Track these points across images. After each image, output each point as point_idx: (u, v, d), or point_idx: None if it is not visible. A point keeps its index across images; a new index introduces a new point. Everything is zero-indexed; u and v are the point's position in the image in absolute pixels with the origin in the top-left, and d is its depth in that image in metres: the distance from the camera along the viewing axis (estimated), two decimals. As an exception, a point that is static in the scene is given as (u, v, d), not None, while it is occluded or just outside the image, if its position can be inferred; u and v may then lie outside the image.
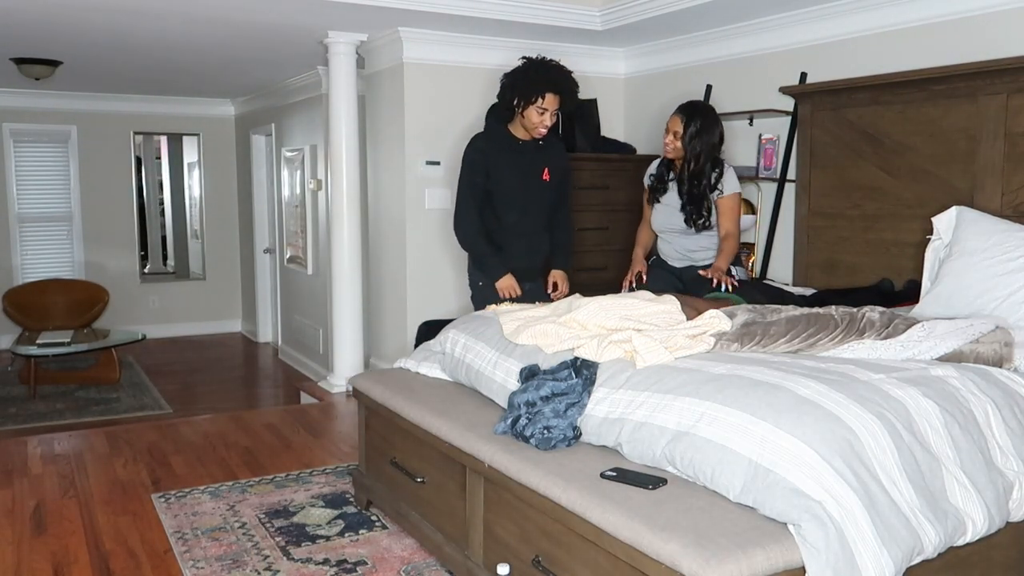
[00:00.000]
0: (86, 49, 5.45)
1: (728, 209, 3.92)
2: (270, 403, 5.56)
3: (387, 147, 5.35)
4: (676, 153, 3.90)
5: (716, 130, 3.87)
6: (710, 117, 3.88)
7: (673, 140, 3.87)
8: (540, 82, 3.75)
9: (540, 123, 3.80)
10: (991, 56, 3.47)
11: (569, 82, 3.85)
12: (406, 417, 2.93)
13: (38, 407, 5.43)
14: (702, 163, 3.85)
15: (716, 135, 3.87)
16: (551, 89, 3.76)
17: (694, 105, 3.95)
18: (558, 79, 3.80)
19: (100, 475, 3.84)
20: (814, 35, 4.31)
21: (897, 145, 3.85)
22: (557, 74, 3.81)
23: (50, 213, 8.12)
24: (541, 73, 3.78)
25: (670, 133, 3.88)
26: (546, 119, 3.80)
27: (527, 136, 3.91)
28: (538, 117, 3.78)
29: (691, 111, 3.87)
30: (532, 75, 3.77)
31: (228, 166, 8.84)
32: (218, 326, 8.90)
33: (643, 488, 2.08)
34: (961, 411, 2.22)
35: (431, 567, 2.85)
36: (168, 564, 2.92)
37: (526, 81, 3.77)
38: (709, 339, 2.64)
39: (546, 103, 3.76)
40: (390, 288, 5.43)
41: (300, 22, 4.75)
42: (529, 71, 3.79)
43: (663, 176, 4.04)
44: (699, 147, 3.84)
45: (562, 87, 3.81)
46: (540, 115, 3.78)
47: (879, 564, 1.81)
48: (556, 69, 3.83)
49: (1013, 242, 2.95)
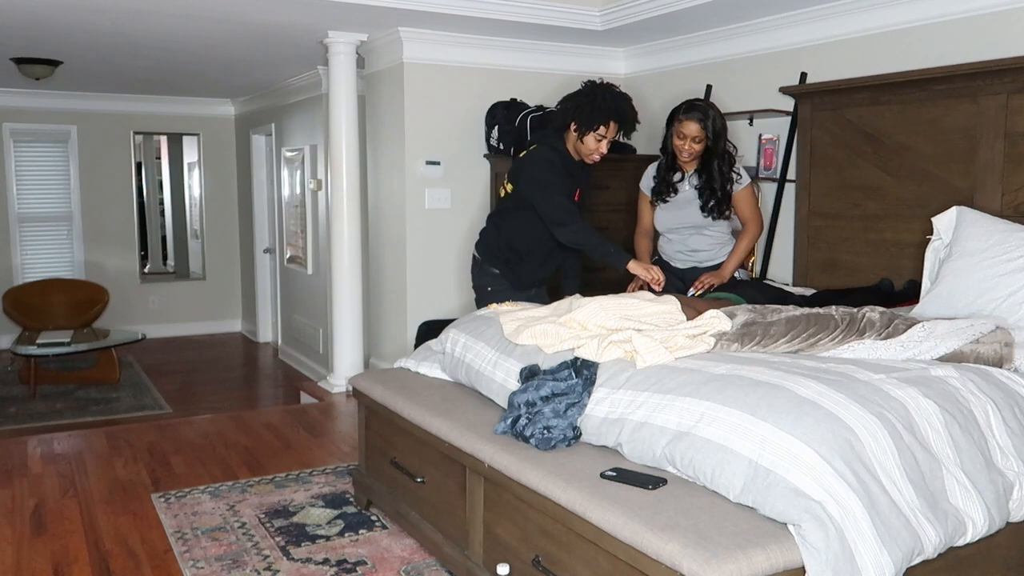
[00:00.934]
0: (86, 49, 5.45)
1: (746, 198, 3.89)
2: (270, 403, 5.56)
3: (387, 147, 5.35)
4: (693, 158, 3.82)
5: (724, 120, 3.83)
6: (716, 108, 3.84)
7: (692, 145, 3.76)
8: (606, 111, 3.66)
9: (596, 149, 3.72)
10: (991, 56, 3.47)
11: (632, 112, 3.76)
12: (406, 417, 2.93)
13: (38, 407, 5.42)
14: (727, 158, 3.82)
15: (726, 126, 3.83)
16: (615, 119, 3.68)
17: (698, 104, 3.83)
18: (623, 108, 3.70)
19: (100, 475, 3.84)
20: (814, 35, 4.31)
21: (897, 145, 3.85)
22: (623, 103, 3.71)
23: (50, 213, 8.12)
24: (608, 101, 3.68)
25: (687, 140, 3.75)
26: (603, 146, 3.72)
27: (576, 157, 3.83)
28: (595, 144, 3.70)
29: (703, 111, 3.77)
30: (599, 102, 3.66)
31: (228, 166, 8.84)
32: (218, 326, 8.90)
33: (643, 488, 2.08)
34: (961, 411, 2.22)
35: (431, 567, 2.85)
36: (168, 564, 2.92)
37: (592, 108, 3.67)
38: (709, 339, 2.64)
39: (608, 132, 3.69)
40: (390, 288, 5.43)
41: (300, 22, 4.75)
42: (596, 98, 3.67)
43: (668, 179, 3.94)
44: (723, 143, 3.79)
45: (624, 116, 3.71)
46: (598, 142, 3.70)
47: (879, 564, 1.81)
48: (621, 98, 3.73)
49: (1013, 242, 2.95)
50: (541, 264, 4.01)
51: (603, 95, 3.67)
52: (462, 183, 5.28)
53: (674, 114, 3.83)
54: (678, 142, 3.80)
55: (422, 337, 4.11)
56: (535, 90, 5.26)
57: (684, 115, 3.77)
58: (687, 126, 3.75)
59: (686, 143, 3.77)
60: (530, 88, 5.27)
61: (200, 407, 5.42)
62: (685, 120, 3.76)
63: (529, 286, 4.01)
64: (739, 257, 3.91)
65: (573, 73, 5.45)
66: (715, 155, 3.80)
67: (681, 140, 3.78)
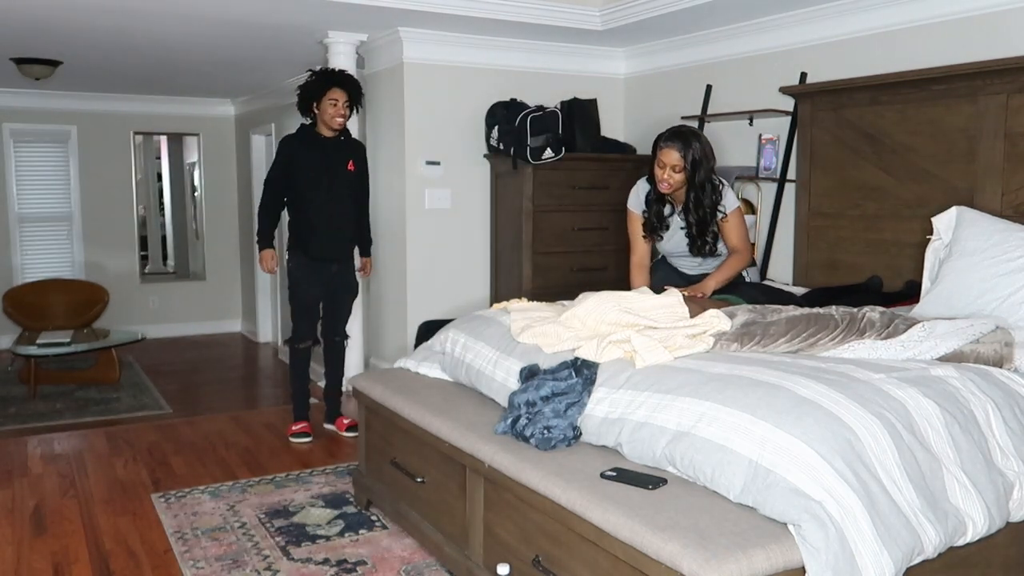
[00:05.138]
0: (86, 49, 5.44)
1: (734, 226, 3.65)
2: (270, 403, 5.55)
3: (387, 147, 5.35)
4: (675, 187, 3.58)
5: (710, 149, 3.59)
6: (701, 138, 3.58)
7: (671, 174, 3.52)
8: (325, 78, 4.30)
9: (335, 115, 4.28)
10: (991, 56, 3.47)
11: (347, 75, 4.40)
12: (406, 417, 2.93)
13: (38, 407, 5.42)
14: (708, 189, 3.57)
15: (712, 155, 3.59)
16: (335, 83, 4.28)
17: (681, 131, 3.57)
18: (338, 74, 4.36)
19: (100, 475, 3.84)
20: (814, 35, 4.30)
21: (897, 145, 3.85)
22: (337, 72, 4.39)
23: (50, 213, 8.10)
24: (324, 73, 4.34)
25: (666, 168, 3.52)
26: (340, 109, 4.28)
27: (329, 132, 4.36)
28: (332, 109, 4.27)
29: (684, 138, 3.52)
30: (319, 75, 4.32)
31: (228, 166, 8.83)
32: (218, 326, 8.88)
33: (643, 488, 2.08)
34: (961, 411, 2.22)
35: (431, 567, 2.85)
36: (168, 564, 2.92)
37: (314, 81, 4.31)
38: (709, 339, 2.64)
39: (337, 96, 4.27)
40: (390, 288, 5.43)
41: (300, 22, 4.75)
42: (315, 74, 4.34)
43: (661, 213, 3.73)
44: (703, 173, 3.54)
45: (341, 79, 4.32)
46: (334, 107, 4.27)
47: (879, 564, 1.81)
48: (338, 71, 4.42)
49: (1013, 242, 2.95)
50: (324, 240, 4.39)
51: (320, 71, 4.35)
52: (462, 183, 5.28)
53: (656, 140, 3.61)
54: (658, 170, 3.56)
55: (422, 337, 4.11)
56: (535, 90, 5.26)
57: (664, 142, 3.55)
58: (666, 153, 3.52)
59: (665, 171, 3.53)
60: (530, 88, 5.27)
61: (200, 407, 5.42)
62: (664, 147, 3.53)
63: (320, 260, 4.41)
64: (722, 278, 3.59)
65: (573, 73, 5.46)
66: (693, 187, 3.56)
67: (661, 169, 3.54)
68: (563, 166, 4.99)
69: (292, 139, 4.41)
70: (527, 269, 5.01)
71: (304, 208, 4.33)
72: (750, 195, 4.64)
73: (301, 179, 4.31)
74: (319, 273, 4.36)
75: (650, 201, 3.75)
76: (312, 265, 4.34)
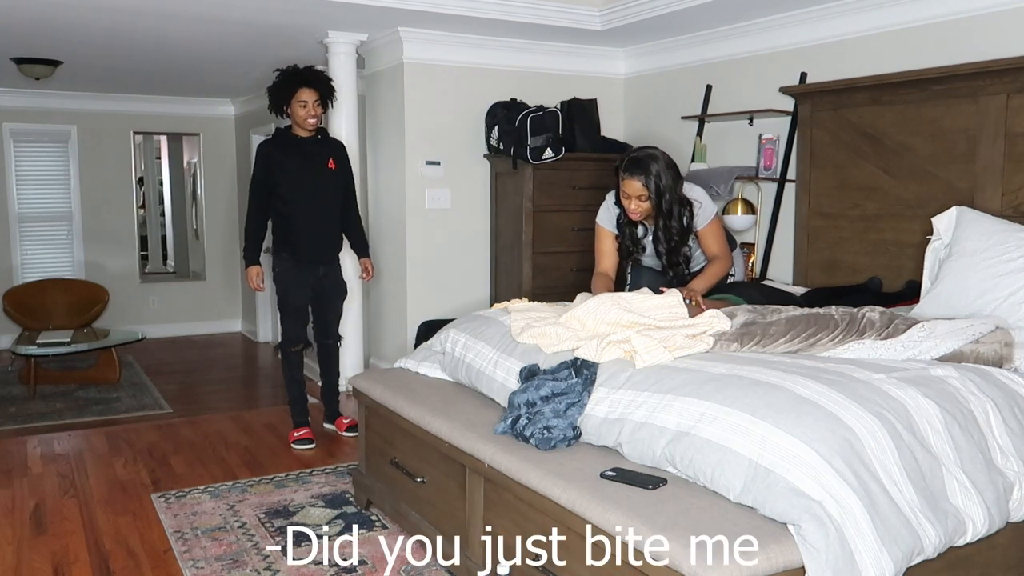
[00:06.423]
0: (86, 49, 5.44)
1: (711, 235, 3.50)
2: (270, 403, 5.54)
3: (387, 147, 5.35)
4: (645, 215, 3.42)
5: (673, 169, 3.39)
6: (660, 159, 3.35)
7: (638, 204, 3.36)
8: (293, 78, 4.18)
9: (307, 115, 4.18)
10: (991, 56, 3.47)
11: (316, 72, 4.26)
12: (406, 417, 2.93)
13: (38, 407, 5.41)
14: (676, 212, 3.41)
15: (676, 173, 3.40)
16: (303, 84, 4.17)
17: (639, 159, 3.35)
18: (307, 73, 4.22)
19: (100, 475, 3.84)
20: (814, 35, 4.30)
21: (897, 145, 3.85)
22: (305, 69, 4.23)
23: (50, 213, 8.10)
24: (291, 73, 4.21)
25: (631, 199, 3.35)
26: (311, 109, 4.17)
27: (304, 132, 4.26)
28: (303, 111, 4.17)
29: (643, 166, 3.32)
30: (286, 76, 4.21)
31: (228, 166, 8.83)
32: (218, 326, 8.88)
33: (643, 488, 2.08)
34: (961, 411, 2.22)
35: (431, 567, 2.85)
36: (168, 564, 2.92)
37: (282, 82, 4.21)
38: (709, 339, 2.64)
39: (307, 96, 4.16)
40: (390, 288, 5.43)
41: (300, 22, 4.75)
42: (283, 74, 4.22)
43: (636, 236, 3.57)
44: (670, 198, 3.36)
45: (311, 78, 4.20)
46: (303, 108, 4.17)
47: (879, 564, 1.81)
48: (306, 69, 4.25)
49: (1013, 242, 2.95)
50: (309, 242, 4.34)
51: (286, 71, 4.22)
52: (462, 183, 5.28)
53: (616, 168, 3.42)
54: (623, 200, 3.41)
55: (422, 337, 4.12)
56: (535, 90, 5.26)
57: (624, 172, 3.35)
58: (628, 185, 3.35)
59: (631, 202, 3.37)
60: (530, 88, 5.27)
61: (200, 407, 5.41)
62: (626, 178, 3.35)
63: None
64: (709, 281, 3.41)
65: (573, 73, 5.46)
66: (661, 214, 3.40)
67: (626, 200, 3.39)
68: (563, 166, 4.99)
69: (268, 144, 4.32)
70: (527, 269, 5.01)
71: (288, 211, 4.25)
72: (750, 195, 4.64)
73: (283, 183, 4.21)
74: (306, 275, 4.31)
75: (622, 225, 3.58)
76: (299, 267, 4.29)
